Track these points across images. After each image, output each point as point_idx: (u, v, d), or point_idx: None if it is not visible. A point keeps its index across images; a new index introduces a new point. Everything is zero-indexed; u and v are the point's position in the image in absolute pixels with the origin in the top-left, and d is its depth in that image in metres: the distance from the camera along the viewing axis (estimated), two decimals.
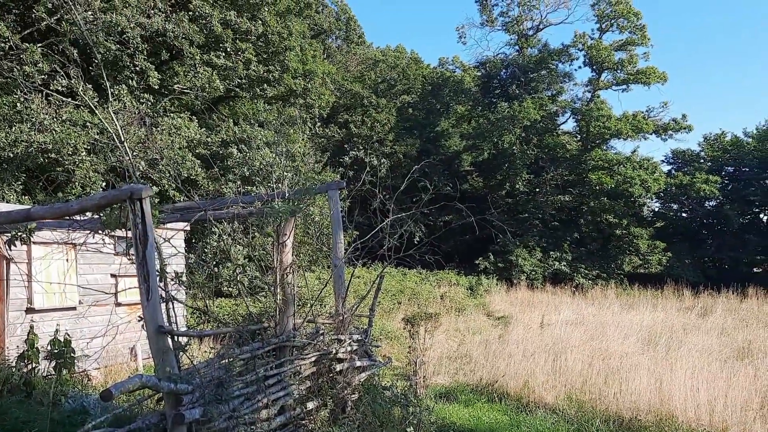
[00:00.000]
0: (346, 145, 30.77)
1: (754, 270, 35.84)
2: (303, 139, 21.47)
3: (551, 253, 31.36)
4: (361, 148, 30.97)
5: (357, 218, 12.07)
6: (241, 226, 7.14)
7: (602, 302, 24.20)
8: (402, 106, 35.43)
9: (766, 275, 32.68)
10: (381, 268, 8.00)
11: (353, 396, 6.71)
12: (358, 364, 7.00)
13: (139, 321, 4.55)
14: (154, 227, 4.59)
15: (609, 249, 32.73)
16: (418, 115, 36.05)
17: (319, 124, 28.85)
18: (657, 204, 38.27)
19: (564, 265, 30.97)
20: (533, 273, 30.11)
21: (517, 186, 33.55)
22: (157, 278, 4.44)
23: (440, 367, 12.92)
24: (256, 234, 6.54)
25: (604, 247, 32.82)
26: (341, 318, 6.53)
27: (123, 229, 4.67)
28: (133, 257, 4.41)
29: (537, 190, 34.44)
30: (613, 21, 33.67)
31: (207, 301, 6.81)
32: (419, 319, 13.98)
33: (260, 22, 19.48)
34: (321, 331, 6.35)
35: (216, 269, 8.64)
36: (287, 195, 5.97)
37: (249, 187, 10.10)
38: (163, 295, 4.64)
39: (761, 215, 37.12)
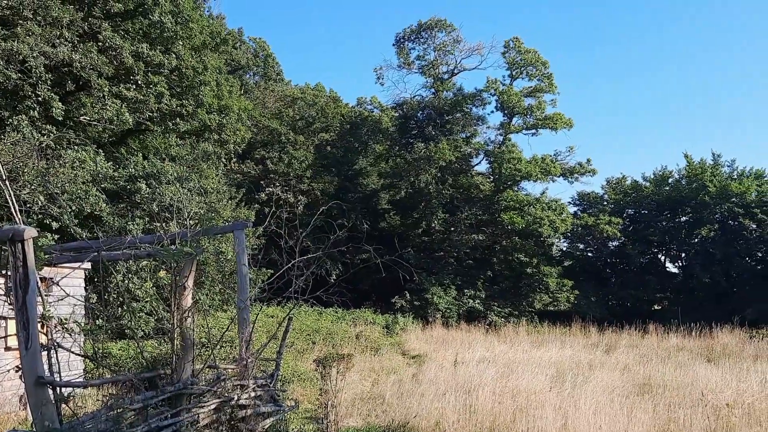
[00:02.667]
0: (262, 182, 30.42)
1: (654, 307, 37.81)
2: (217, 175, 21.05)
3: (466, 291, 31.93)
4: (278, 184, 30.79)
5: (272, 256, 11.83)
6: (148, 263, 6.83)
7: (514, 339, 24.74)
8: (320, 143, 35.53)
9: (665, 312, 34.49)
10: (291, 308, 7.82)
11: None
12: (263, 409, 6.75)
13: (17, 371, 4.20)
14: (44, 268, 4.29)
15: (520, 287, 33.67)
16: (337, 152, 36.24)
17: (234, 159, 28.42)
18: (565, 243, 39.92)
19: (478, 303, 31.57)
20: (448, 311, 30.49)
21: (433, 225, 34.13)
22: (39, 325, 4.13)
23: (353, 408, 12.68)
24: (161, 274, 6.27)
25: (515, 285, 33.74)
26: (245, 363, 6.31)
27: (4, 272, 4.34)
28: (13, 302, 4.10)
29: (452, 228, 35.15)
30: (522, 69, 35.32)
31: (101, 346, 6.41)
32: (332, 359, 13.77)
33: (174, 55, 19.13)
34: (223, 377, 6.10)
35: (120, 309, 8.21)
36: (189, 235, 5.76)
37: (158, 224, 9.74)
38: (45, 342, 4.32)
39: (659, 255, 39.40)
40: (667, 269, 39.26)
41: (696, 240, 36.26)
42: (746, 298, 33.47)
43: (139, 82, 18.13)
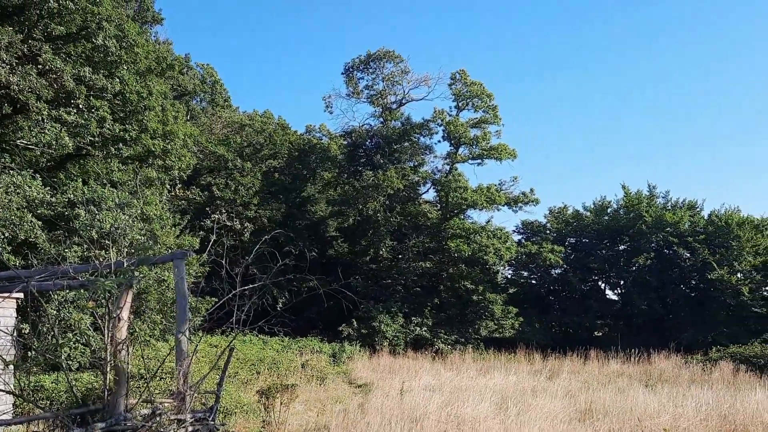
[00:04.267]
0: (208, 208, 29.96)
1: (595, 334, 38.73)
2: (161, 201, 20.63)
3: (413, 318, 32.01)
4: (224, 211, 30.38)
5: (216, 284, 11.63)
6: (85, 293, 6.62)
7: (460, 367, 24.90)
8: (268, 170, 35.32)
9: (605, 339, 35.36)
10: (232, 338, 7.69)
11: None
12: None
13: None
14: None
15: (467, 314, 33.96)
16: (285, 179, 36.09)
17: (179, 185, 27.94)
18: (509, 271, 40.62)
19: (425, 331, 31.67)
20: (396, 339, 30.47)
21: (381, 252, 34.21)
22: None
23: None
24: (90, 305, 6.08)
25: (462, 312, 34.02)
26: (182, 396, 6.15)
27: None
28: None
29: (400, 256, 35.31)
30: (468, 100, 36.12)
31: (31, 380, 6.14)
32: (275, 390, 13.57)
33: (118, 80, 18.77)
34: (158, 411, 5.93)
35: (53, 341, 7.89)
36: (125, 264, 5.63)
37: (95, 252, 9.45)
38: None
39: (600, 283, 40.51)
40: (607, 296, 40.41)
41: (634, 268, 37.48)
42: (681, 324, 34.72)
43: (81, 106, 17.68)
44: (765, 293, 35.11)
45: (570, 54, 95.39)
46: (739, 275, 34.68)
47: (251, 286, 6.68)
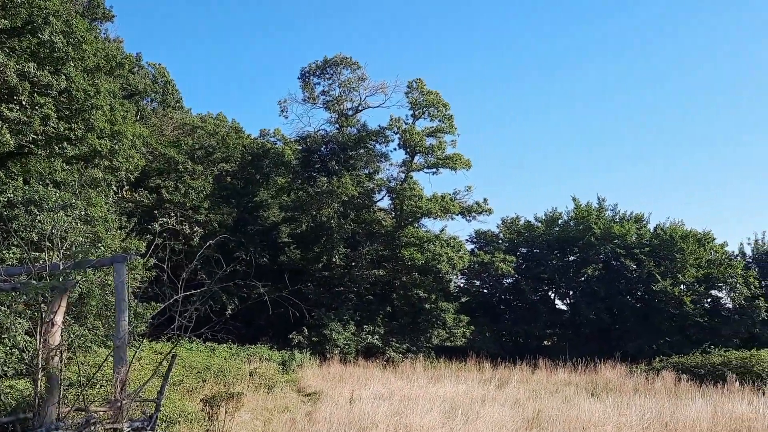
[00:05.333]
0: (156, 211, 29.21)
1: (544, 343, 39.33)
2: (107, 203, 20.00)
3: (365, 326, 31.85)
4: (173, 215, 29.64)
5: (163, 289, 11.28)
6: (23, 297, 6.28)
7: (411, 375, 24.87)
8: (220, 174, 34.71)
9: (554, 348, 35.95)
10: (173, 345, 7.44)
11: None
12: None
13: None
14: None
15: (419, 322, 34.00)
16: (237, 184, 35.52)
17: (126, 187, 27.17)
18: (462, 280, 40.90)
19: (377, 339, 31.55)
20: (347, 347, 30.25)
21: (334, 259, 33.98)
22: None
23: None
24: (20, 308, 5.77)
25: (414, 320, 34.04)
26: (119, 404, 5.90)
27: None
28: None
29: (353, 264, 35.15)
30: (424, 109, 36.32)
31: None
32: (220, 398, 13.24)
33: (64, 76, 18.16)
34: (93, 420, 5.66)
35: None
36: (61, 267, 5.36)
37: (32, 254, 9.03)
38: None
39: (550, 293, 41.18)
40: (557, 306, 41.07)
41: (582, 278, 38.25)
42: (627, 334, 35.55)
43: (24, 103, 17.03)
44: (706, 305, 36.29)
45: (523, 67, 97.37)
46: (682, 287, 35.76)
47: (193, 291, 6.47)
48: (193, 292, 6.56)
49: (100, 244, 13.30)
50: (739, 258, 39.01)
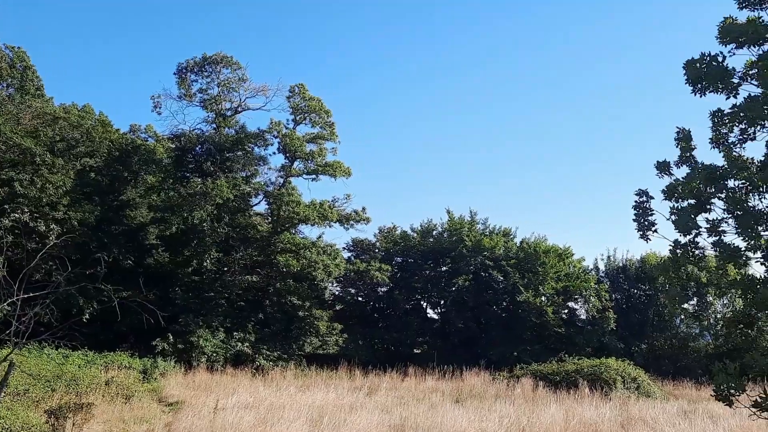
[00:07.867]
0: (7, 206, 26.65)
1: (415, 351, 40.18)
2: None
3: (235, 333, 30.86)
4: (26, 210, 27.16)
5: (12, 289, 10.17)
6: None
7: (280, 384, 24.43)
8: (83, 169, 32.29)
9: (424, 356, 36.78)
10: (9, 350, 6.65)
11: None
12: None
13: None
14: None
15: (292, 330, 33.48)
16: (102, 180, 33.23)
17: None
18: (338, 288, 40.90)
19: (247, 347, 30.66)
20: (215, 355, 29.15)
21: (205, 264, 32.69)
22: None
23: None
24: None
25: (287, 328, 33.48)
26: None
27: None
28: None
29: (225, 269, 34.04)
30: (306, 115, 36.06)
31: None
32: (67, 409, 12.21)
33: None
34: None
35: None
36: None
37: None
38: None
39: (422, 302, 42.20)
40: (428, 315, 42.15)
41: (453, 288, 39.50)
42: (492, 342, 37.14)
43: None
44: (564, 316, 38.75)
45: (408, 77, 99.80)
46: (543, 298, 37.94)
47: (32, 294, 5.82)
48: (32, 294, 5.89)
49: None
50: (593, 272, 42.13)
